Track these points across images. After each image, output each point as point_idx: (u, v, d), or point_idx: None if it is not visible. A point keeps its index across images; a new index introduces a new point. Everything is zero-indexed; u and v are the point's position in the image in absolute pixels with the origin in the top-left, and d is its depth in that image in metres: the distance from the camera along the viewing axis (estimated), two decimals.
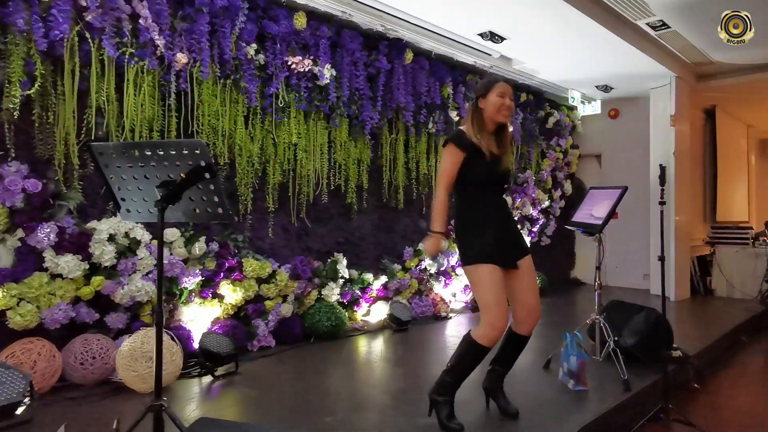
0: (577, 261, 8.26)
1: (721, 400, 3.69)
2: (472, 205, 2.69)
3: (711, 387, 3.93)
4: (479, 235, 2.61)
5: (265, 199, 4.29)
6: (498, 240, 2.60)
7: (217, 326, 3.85)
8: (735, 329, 5.18)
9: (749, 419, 3.36)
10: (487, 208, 2.66)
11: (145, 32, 3.39)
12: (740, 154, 9.49)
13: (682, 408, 3.07)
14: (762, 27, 5.24)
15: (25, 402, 2.69)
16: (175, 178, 2.09)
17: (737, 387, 4.03)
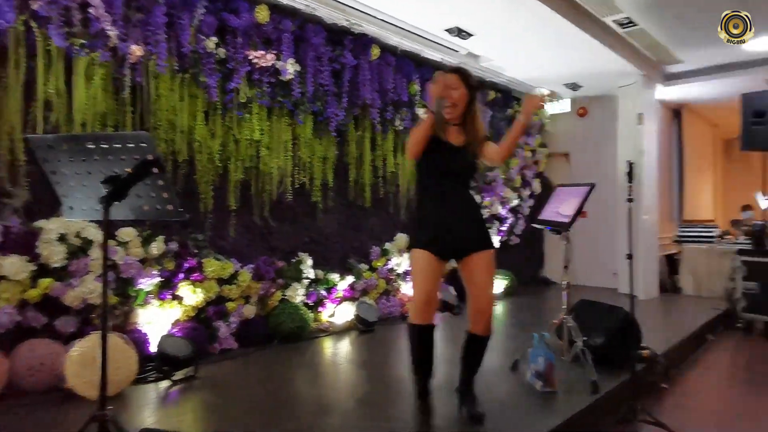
0: (547, 260, 8.34)
1: (689, 399, 3.73)
2: (423, 193, 2.75)
3: (679, 386, 3.96)
4: (422, 222, 2.71)
5: (227, 197, 4.20)
6: (440, 230, 2.65)
7: (176, 329, 3.74)
8: (702, 328, 5.26)
9: (717, 418, 3.40)
10: (437, 198, 2.68)
11: (96, 22, 3.28)
12: (706, 153, 9.72)
13: (651, 408, 3.08)
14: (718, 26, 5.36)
15: None
16: (121, 173, 2.00)
17: (705, 386, 4.08)
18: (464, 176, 2.76)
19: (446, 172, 2.68)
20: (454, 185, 2.72)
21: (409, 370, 2.78)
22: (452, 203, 2.69)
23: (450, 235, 2.66)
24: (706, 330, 5.37)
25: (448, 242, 2.66)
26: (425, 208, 2.72)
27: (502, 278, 6.81)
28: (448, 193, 2.70)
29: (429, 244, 2.65)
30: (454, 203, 2.70)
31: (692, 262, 7.32)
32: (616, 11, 5.05)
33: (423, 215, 2.73)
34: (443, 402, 2.93)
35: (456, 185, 2.73)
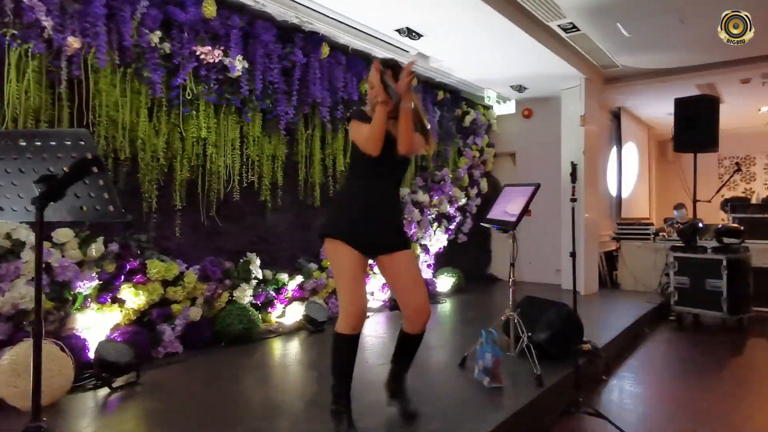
0: (494, 258, 8.51)
1: (628, 390, 3.87)
2: (350, 182, 2.61)
3: (618, 378, 4.10)
4: (341, 211, 2.55)
5: (172, 196, 4.07)
6: (357, 222, 2.47)
7: (117, 333, 3.59)
8: (638, 321, 5.48)
9: (655, 407, 3.54)
10: (363, 190, 2.52)
11: (29, 12, 3.09)
12: (642, 154, 10.15)
13: (592, 400, 3.18)
14: (657, 34, 5.62)
15: None
16: (57, 173, 1.90)
17: (642, 377, 4.25)
18: (399, 171, 2.62)
19: (385, 164, 2.49)
20: (389, 179, 2.58)
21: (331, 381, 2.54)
22: (383, 197, 2.54)
23: (375, 228, 2.50)
24: (643, 323, 5.60)
25: (372, 236, 2.49)
26: (348, 197, 2.58)
27: (449, 276, 6.90)
28: (380, 187, 2.54)
29: (352, 236, 2.45)
30: (385, 197, 2.56)
31: (629, 259, 7.64)
32: (561, 17, 5.20)
33: (344, 202, 2.57)
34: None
35: (390, 180, 2.59)
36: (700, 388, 3.90)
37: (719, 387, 3.91)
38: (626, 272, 7.64)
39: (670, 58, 6.52)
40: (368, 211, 2.49)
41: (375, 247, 2.53)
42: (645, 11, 5.01)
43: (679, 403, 3.58)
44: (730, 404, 3.59)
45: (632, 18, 5.22)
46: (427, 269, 6.82)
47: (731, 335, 5.45)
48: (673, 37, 5.72)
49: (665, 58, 6.52)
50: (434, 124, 6.80)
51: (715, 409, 3.46)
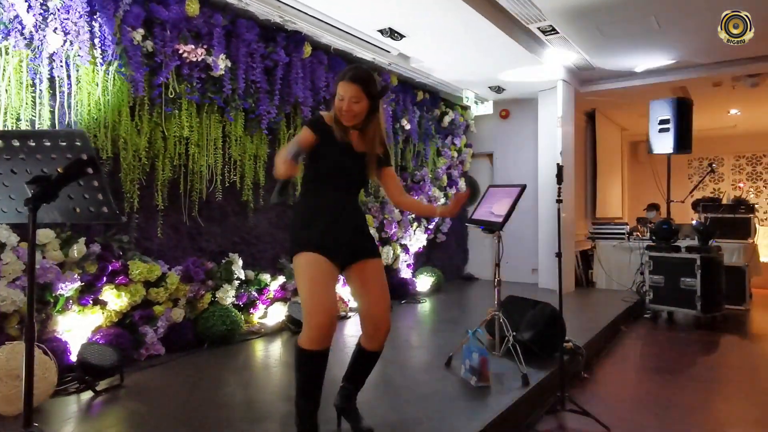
0: (471, 257, 8.64)
1: (608, 387, 3.99)
2: (309, 195, 2.44)
3: (598, 375, 4.22)
4: (307, 225, 2.35)
5: (154, 196, 4.05)
6: (327, 232, 2.33)
7: (99, 336, 3.57)
8: (616, 319, 5.63)
9: (634, 404, 3.64)
10: (325, 201, 2.39)
11: (9, 8, 3.05)
12: (615, 155, 10.44)
13: (575, 397, 3.24)
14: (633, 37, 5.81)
15: None
16: (51, 173, 1.89)
17: (621, 374, 4.38)
18: (358, 183, 2.52)
19: (343, 177, 2.43)
20: (348, 192, 2.48)
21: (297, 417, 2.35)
22: (345, 209, 2.43)
23: (341, 237, 2.37)
24: (619, 321, 5.76)
25: (340, 244, 2.35)
26: (310, 210, 2.40)
27: (428, 275, 7.00)
28: (342, 199, 2.44)
29: (321, 246, 2.29)
30: (349, 205, 2.46)
31: (605, 258, 7.84)
32: (541, 19, 5.33)
33: (307, 216, 2.39)
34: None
35: (348, 190, 2.49)
36: (676, 383, 4.04)
37: (695, 382, 4.06)
38: (601, 271, 7.85)
39: (644, 61, 6.73)
40: (336, 219, 2.37)
41: (347, 254, 2.40)
42: (623, 15, 5.18)
43: (657, 399, 3.71)
44: (706, 399, 3.75)
45: (608, 21, 5.39)
46: (407, 269, 6.91)
47: (705, 332, 5.62)
48: (649, 41, 5.92)
49: (640, 61, 6.73)
50: (414, 124, 6.88)
51: (692, 405, 3.59)
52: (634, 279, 7.18)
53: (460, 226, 8.10)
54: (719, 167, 11.11)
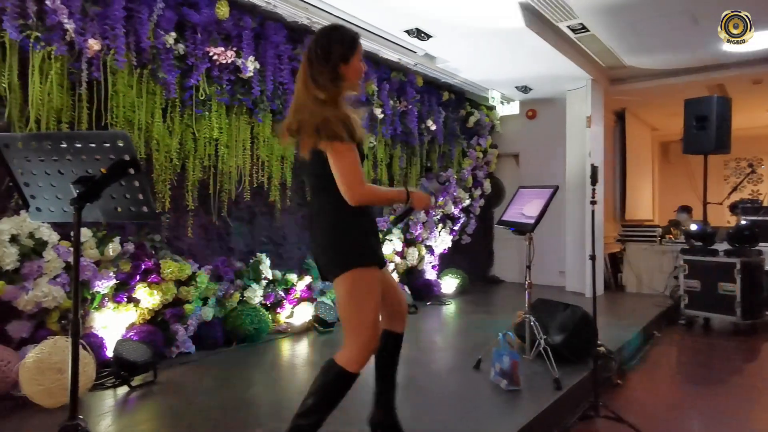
0: (496, 259, 8.67)
1: (642, 394, 3.94)
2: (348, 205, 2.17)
3: (631, 382, 4.15)
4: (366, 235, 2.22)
5: (185, 196, 4.21)
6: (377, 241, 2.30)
7: (133, 332, 3.73)
8: (649, 324, 5.56)
9: (669, 412, 3.59)
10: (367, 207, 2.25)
11: (52, 15, 3.23)
12: (645, 155, 10.36)
13: (608, 404, 3.23)
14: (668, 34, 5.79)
15: None
16: (95, 174, 2.00)
17: (655, 381, 4.31)
18: None
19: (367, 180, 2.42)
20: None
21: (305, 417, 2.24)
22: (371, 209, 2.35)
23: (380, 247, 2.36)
24: (652, 326, 5.66)
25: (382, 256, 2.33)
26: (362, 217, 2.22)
27: (453, 277, 7.06)
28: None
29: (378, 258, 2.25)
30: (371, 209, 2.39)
31: (634, 261, 7.79)
32: (572, 17, 5.35)
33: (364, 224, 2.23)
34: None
35: None
36: (714, 392, 3.99)
37: (734, 391, 4.01)
38: (631, 274, 7.80)
39: (678, 59, 6.68)
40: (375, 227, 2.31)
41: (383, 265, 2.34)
42: (656, 12, 5.17)
43: (694, 406, 3.68)
44: (745, 408, 3.69)
45: (643, 18, 5.38)
46: (432, 270, 6.98)
47: (744, 339, 5.51)
48: (684, 38, 5.87)
49: (674, 59, 6.68)
50: (439, 125, 6.96)
51: (730, 413, 3.54)
52: (667, 283, 7.11)
53: (485, 227, 8.14)
54: (758, 168, 10.92)
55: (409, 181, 6.74)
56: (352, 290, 2.14)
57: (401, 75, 6.25)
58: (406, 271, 6.55)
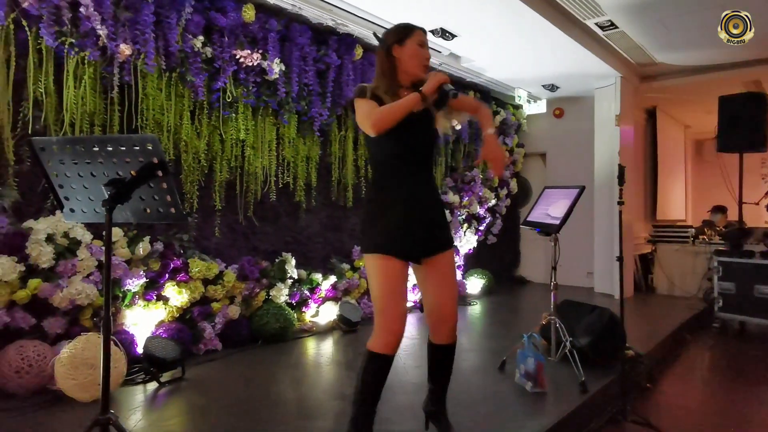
0: (523, 259, 8.64)
1: (672, 399, 3.89)
2: (380, 182, 2.37)
3: (662, 386, 4.11)
4: (380, 218, 2.30)
5: (212, 197, 4.33)
6: (403, 226, 2.28)
7: (162, 330, 3.85)
8: (680, 327, 5.48)
9: (701, 418, 3.55)
10: (398, 187, 2.31)
11: (86, 21, 3.37)
12: (678, 153, 10.17)
13: (637, 408, 3.20)
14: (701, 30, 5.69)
15: None
16: (125, 176, 2.08)
17: (687, 385, 4.24)
18: (428, 153, 2.39)
19: (410, 148, 2.32)
20: (419, 166, 2.36)
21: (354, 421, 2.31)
22: (418, 189, 2.33)
23: (419, 231, 2.31)
24: (684, 329, 5.59)
25: (415, 240, 2.30)
26: (384, 200, 2.31)
27: (479, 277, 7.06)
28: (414, 177, 2.34)
29: (393, 246, 2.27)
30: (421, 189, 2.35)
31: (666, 262, 7.67)
32: (600, 14, 5.31)
33: (380, 208, 2.32)
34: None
35: (421, 166, 2.37)
36: (748, 397, 3.93)
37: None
38: (662, 276, 7.69)
39: (712, 55, 6.56)
40: (407, 213, 2.29)
41: (421, 252, 2.35)
42: (688, 8, 5.10)
43: (726, 414, 3.61)
44: None
45: (674, 14, 5.31)
46: (457, 270, 6.99)
47: None
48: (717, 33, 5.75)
49: (707, 55, 6.56)
50: (464, 124, 6.96)
51: (764, 422, 3.48)
52: (701, 285, 6.99)
53: (511, 227, 8.12)
54: None
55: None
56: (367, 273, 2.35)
57: None
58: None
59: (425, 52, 2.35)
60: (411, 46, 2.31)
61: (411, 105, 2.20)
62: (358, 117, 2.27)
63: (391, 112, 2.18)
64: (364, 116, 2.23)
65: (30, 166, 3.30)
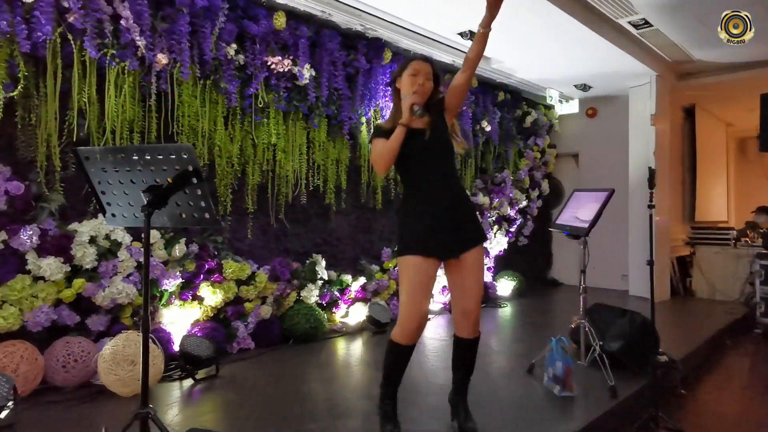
0: (555, 261, 8.62)
1: (709, 406, 3.87)
2: (406, 192, 2.71)
3: (698, 392, 4.09)
4: (413, 222, 2.59)
5: (245, 200, 4.51)
6: (433, 227, 2.55)
7: (197, 328, 4.04)
8: (719, 332, 5.40)
9: (738, 427, 3.52)
10: (421, 195, 2.61)
11: (126, 33, 3.58)
12: (719, 153, 9.97)
13: (670, 415, 3.19)
14: None
15: (9, 406, 2.82)
16: (162, 183, 2.22)
17: (724, 392, 4.21)
18: (444, 157, 2.66)
19: (423, 160, 2.60)
20: (436, 173, 2.62)
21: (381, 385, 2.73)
22: (440, 194, 2.60)
23: (448, 230, 2.57)
24: (724, 335, 5.48)
25: (441, 240, 2.57)
26: (415, 204, 2.61)
27: (510, 279, 7.10)
28: (433, 183, 2.61)
29: (420, 246, 2.54)
30: (442, 194, 2.60)
31: (706, 265, 7.52)
32: (632, 13, 5.30)
33: (409, 214, 2.62)
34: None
35: (440, 171, 2.63)
36: None
37: None
38: (701, 279, 7.56)
39: (753, 51, 6.43)
40: (432, 217, 2.56)
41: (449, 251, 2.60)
42: (725, 4, 5.04)
43: (766, 424, 3.57)
44: None
45: (711, 11, 5.24)
46: (488, 272, 7.04)
47: None
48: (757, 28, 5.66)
49: (748, 51, 6.43)
50: (494, 125, 7.01)
51: None
52: (742, 289, 6.86)
53: (543, 229, 8.10)
54: None
55: (464, 183, 6.83)
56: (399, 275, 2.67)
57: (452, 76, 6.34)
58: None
59: (417, 80, 2.61)
60: (405, 77, 2.65)
61: (398, 139, 2.54)
62: (371, 158, 2.69)
63: (384, 153, 2.56)
64: (372, 159, 2.66)
65: (74, 172, 3.53)
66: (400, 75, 2.68)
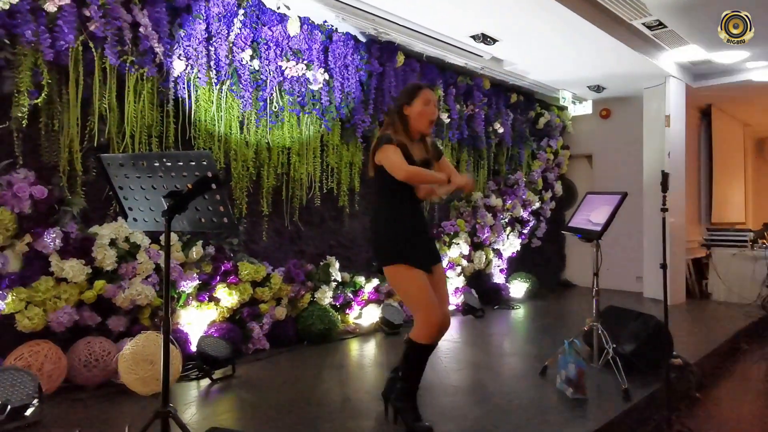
0: (568, 263, 8.65)
1: (724, 410, 3.86)
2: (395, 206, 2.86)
3: (713, 397, 4.08)
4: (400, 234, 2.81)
5: (260, 202, 4.62)
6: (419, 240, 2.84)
7: (214, 329, 4.14)
8: (735, 335, 5.39)
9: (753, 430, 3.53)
10: (410, 210, 2.87)
11: (144, 40, 3.70)
12: (736, 153, 9.93)
13: (684, 419, 3.21)
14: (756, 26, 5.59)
15: (34, 404, 2.94)
16: (182, 189, 2.31)
17: (740, 397, 4.20)
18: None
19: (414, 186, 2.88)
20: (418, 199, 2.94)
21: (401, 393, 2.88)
22: (421, 216, 2.96)
23: (427, 246, 2.90)
24: (741, 338, 5.46)
25: (427, 254, 2.87)
26: (403, 222, 2.83)
27: (523, 281, 7.14)
28: (416, 206, 2.92)
29: (421, 260, 2.79)
30: (421, 213, 2.97)
31: (722, 267, 7.50)
32: (646, 14, 5.32)
33: (403, 229, 2.83)
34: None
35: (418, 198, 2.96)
36: None
37: None
38: (718, 282, 7.54)
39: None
40: (419, 231, 2.86)
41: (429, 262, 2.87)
42: (739, 4, 5.05)
43: None
44: None
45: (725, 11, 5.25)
46: (500, 274, 7.10)
47: None
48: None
49: (765, 51, 6.43)
50: (507, 127, 7.06)
51: None
52: (760, 292, 6.83)
53: (557, 231, 8.14)
54: None
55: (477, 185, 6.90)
56: (392, 282, 2.89)
57: (468, 79, 6.43)
58: (474, 274, 6.71)
59: (430, 110, 2.83)
60: (417, 105, 2.83)
61: (437, 181, 2.80)
62: (391, 162, 2.72)
63: (424, 177, 2.79)
64: (397, 165, 2.70)
65: (95, 176, 3.65)
66: (409, 103, 2.84)
